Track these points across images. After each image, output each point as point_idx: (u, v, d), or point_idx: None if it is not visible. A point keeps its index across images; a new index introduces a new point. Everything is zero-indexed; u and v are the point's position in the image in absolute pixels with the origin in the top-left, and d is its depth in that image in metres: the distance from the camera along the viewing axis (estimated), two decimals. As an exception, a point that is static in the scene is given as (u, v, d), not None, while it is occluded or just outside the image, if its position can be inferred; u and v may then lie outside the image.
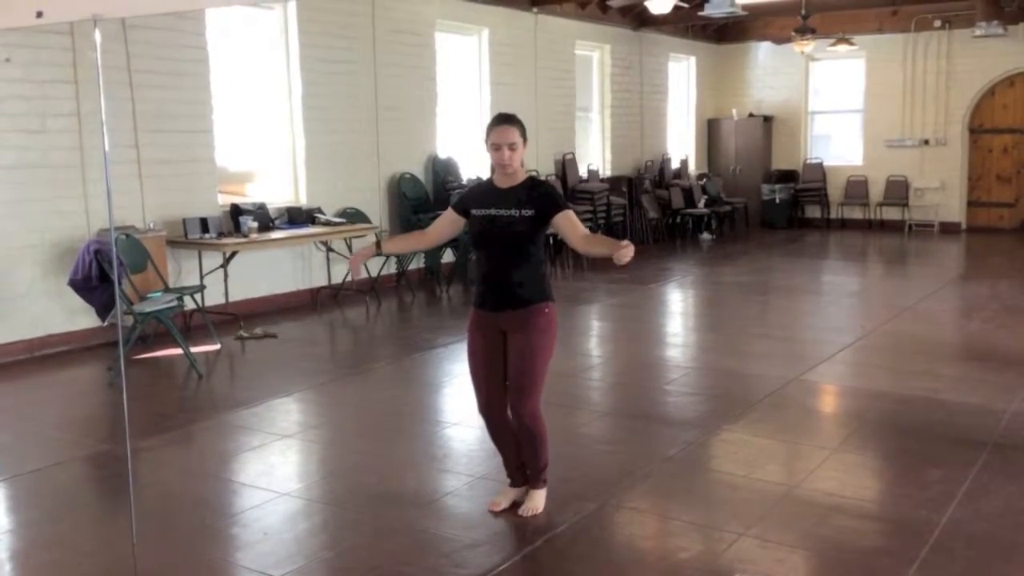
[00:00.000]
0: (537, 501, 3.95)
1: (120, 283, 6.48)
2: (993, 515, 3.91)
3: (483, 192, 3.87)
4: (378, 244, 3.93)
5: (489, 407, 3.92)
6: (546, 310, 3.79)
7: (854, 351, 7.00)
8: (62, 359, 7.03)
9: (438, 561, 3.57)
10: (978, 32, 13.06)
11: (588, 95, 13.61)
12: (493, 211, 3.76)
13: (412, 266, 10.26)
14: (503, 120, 3.81)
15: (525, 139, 3.82)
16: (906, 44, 14.59)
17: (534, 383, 3.78)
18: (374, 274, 9.44)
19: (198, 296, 7.57)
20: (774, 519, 3.91)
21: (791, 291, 10.20)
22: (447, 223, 3.98)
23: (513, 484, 4.06)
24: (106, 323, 7.06)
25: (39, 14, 3.06)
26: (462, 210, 3.89)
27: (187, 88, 8.02)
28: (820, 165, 15.64)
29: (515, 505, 4.01)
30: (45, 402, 6.09)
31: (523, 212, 3.71)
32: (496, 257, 3.77)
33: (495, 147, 3.75)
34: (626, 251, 3.44)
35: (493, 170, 3.89)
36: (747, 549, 3.61)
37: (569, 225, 3.73)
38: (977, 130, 14.58)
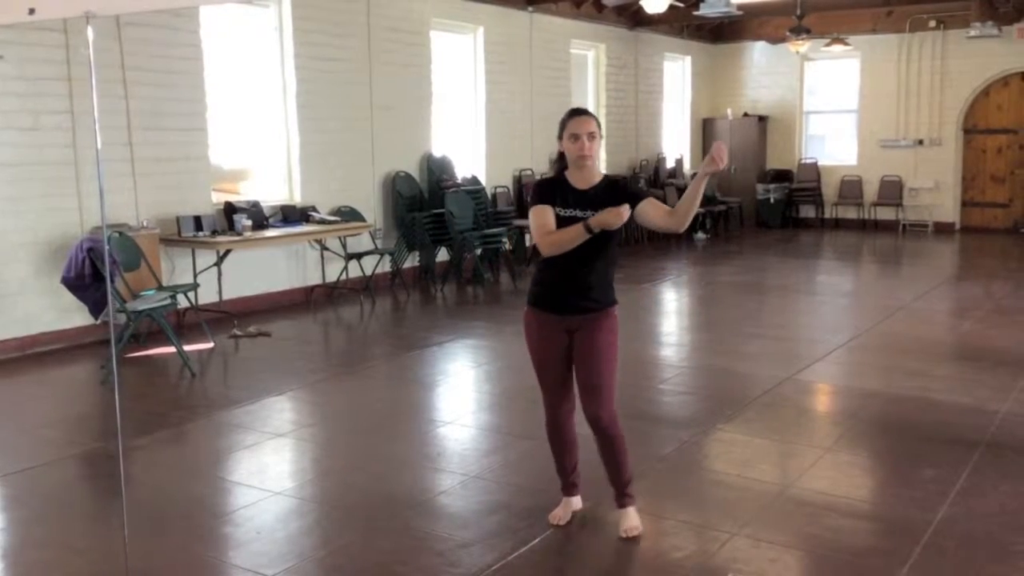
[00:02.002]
0: (634, 519, 3.76)
1: (113, 281, 6.46)
2: (986, 515, 3.92)
3: (562, 191, 3.64)
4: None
5: (557, 407, 3.78)
6: (614, 313, 3.71)
7: (848, 351, 7.01)
8: (55, 357, 7.01)
9: (431, 560, 3.56)
10: (973, 32, 13.11)
11: (583, 94, 13.60)
12: (579, 213, 3.55)
13: (407, 265, 10.25)
14: (580, 112, 3.66)
15: (601, 133, 3.66)
16: (901, 44, 14.62)
17: (608, 385, 3.66)
18: (368, 273, 9.43)
19: (192, 294, 7.55)
20: (767, 518, 3.91)
21: (785, 290, 10.21)
22: (552, 216, 3.60)
23: (568, 494, 3.92)
24: (99, 321, 7.04)
25: (31, 11, 3.04)
26: (549, 203, 3.62)
27: (181, 86, 8.00)
28: (815, 165, 15.67)
29: (575, 517, 3.89)
30: (37, 400, 6.07)
31: None
32: (574, 260, 3.57)
33: (574, 137, 3.57)
34: (717, 156, 3.30)
35: (559, 168, 3.72)
36: (740, 548, 3.61)
37: (654, 208, 3.57)
38: (971, 130, 14.61)
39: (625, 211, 3.44)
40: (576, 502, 3.95)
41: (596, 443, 3.75)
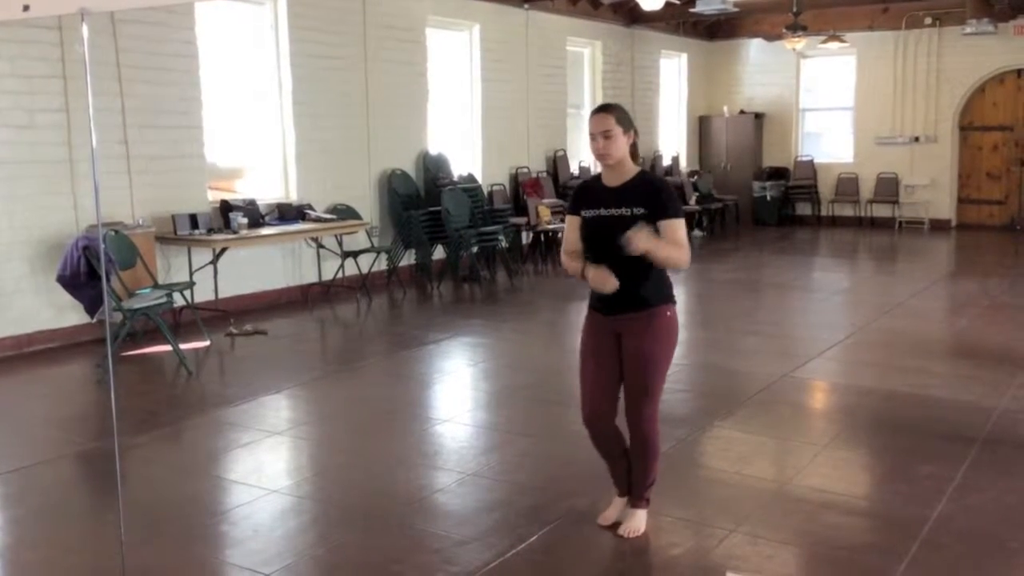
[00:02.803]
0: (639, 521, 3.72)
1: (109, 279, 6.45)
2: (983, 511, 3.92)
3: (592, 191, 3.62)
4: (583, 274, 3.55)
5: (594, 414, 3.69)
6: (668, 313, 3.58)
7: (844, 348, 7.01)
8: (50, 356, 6.99)
9: (428, 558, 3.55)
10: (968, 30, 13.11)
11: (579, 92, 13.59)
12: (603, 211, 3.51)
13: (403, 263, 10.23)
14: (598, 109, 3.57)
15: (627, 128, 3.52)
16: (897, 41, 14.62)
17: (653, 391, 3.60)
18: (364, 271, 9.42)
19: (187, 293, 7.54)
20: (764, 515, 3.91)
21: (782, 288, 10.21)
22: (576, 230, 3.62)
23: (622, 494, 3.84)
24: (95, 320, 7.02)
25: (26, 8, 3.02)
26: (576, 212, 3.62)
27: (177, 84, 7.98)
28: (811, 162, 15.67)
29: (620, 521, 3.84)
30: (33, 399, 6.06)
31: (634, 211, 3.45)
32: (612, 258, 3.49)
33: (591, 137, 3.52)
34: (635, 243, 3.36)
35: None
36: (738, 545, 3.61)
37: (671, 238, 3.43)
38: (967, 127, 14.62)
39: (612, 282, 3.43)
40: (624, 502, 3.84)
41: (630, 440, 3.72)
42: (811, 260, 12.45)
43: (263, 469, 4.62)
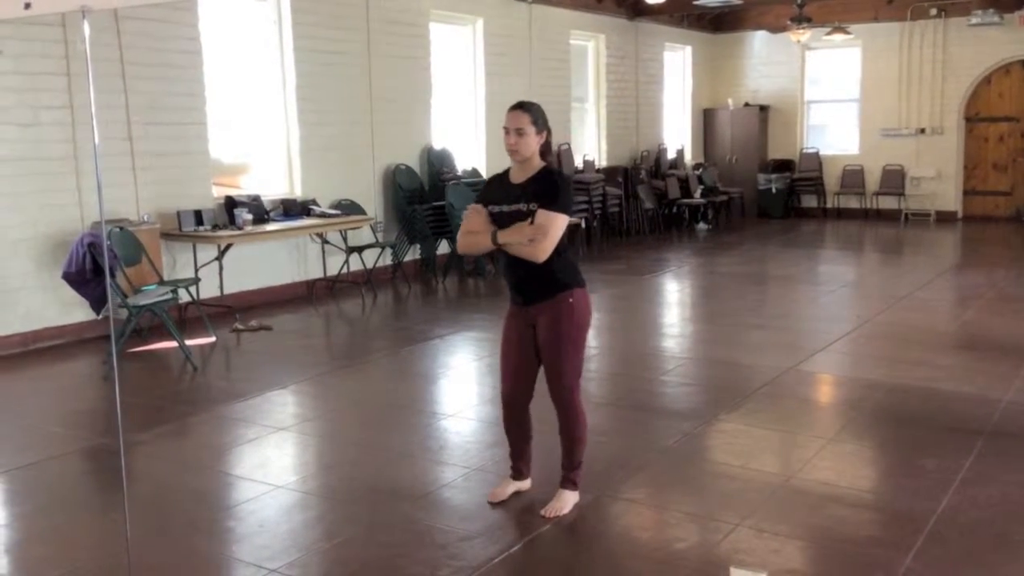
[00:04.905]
0: (563, 502, 3.84)
1: (114, 276, 6.46)
2: (988, 504, 3.91)
3: (499, 186, 3.80)
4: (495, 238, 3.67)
5: (509, 396, 3.92)
6: (570, 299, 3.72)
7: (850, 341, 6.99)
8: (56, 352, 7.01)
9: (434, 553, 3.56)
10: (974, 20, 13.07)
11: (583, 85, 13.58)
12: (505, 207, 3.69)
13: (408, 258, 10.24)
14: (515, 106, 3.75)
15: (540, 128, 3.69)
16: (902, 33, 14.57)
17: (564, 371, 3.75)
18: (369, 266, 9.42)
19: (193, 289, 7.55)
20: (770, 509, 3.91)
21: (787, 281, 10.19)
22: (484, 218, 3.80)
23: (515, 477, 4.04)
24: (100, 316, 7.03)
25: (27, 5, 3.02)
26: (484, 204, 3.80)
27: (180, 80, 7.98)
28: (816, 154, 15.63)
29: (515, 495, 4.01)
30: (39, 396, 6.08)
31: (529, 206, 3.62)
32: (512, 254, 3.69)
33: (505, 131, 3.70)
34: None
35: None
36: (743, 539, 3.61)
37: (538, 223, 3.57)
38: (973, 119, 14.57)
39: (524, 231, 3.57)
40: (519, 485, 4.04)
41: (558, 420, 3.86)
42: (817, 253, 12.42)
43: (269, 464, 4.63)
